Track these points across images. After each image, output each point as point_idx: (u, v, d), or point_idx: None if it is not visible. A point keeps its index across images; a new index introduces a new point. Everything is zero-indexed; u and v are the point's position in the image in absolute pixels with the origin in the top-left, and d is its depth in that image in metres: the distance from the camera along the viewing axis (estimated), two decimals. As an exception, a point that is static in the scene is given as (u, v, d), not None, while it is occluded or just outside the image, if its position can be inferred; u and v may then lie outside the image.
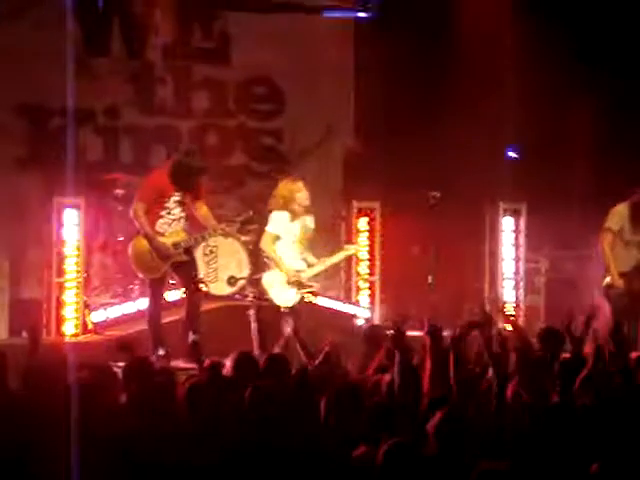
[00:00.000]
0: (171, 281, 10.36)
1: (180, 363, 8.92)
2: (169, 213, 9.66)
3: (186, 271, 9.82)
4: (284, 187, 9.73)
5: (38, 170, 11.47)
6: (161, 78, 12.41)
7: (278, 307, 9.64)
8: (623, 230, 10.23)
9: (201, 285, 10.42)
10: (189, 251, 9.84)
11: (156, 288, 9.83)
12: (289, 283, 9.65)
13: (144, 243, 9.66)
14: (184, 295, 9.99)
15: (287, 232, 9.69)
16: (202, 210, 9.77)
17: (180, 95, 12.49)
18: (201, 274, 10.84)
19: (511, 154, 12.68)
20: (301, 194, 9.70)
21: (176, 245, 9.66)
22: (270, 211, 9.71)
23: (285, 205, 9.66)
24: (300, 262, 9.76)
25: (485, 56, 12.21)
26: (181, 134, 12.26)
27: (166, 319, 10.02)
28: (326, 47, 12.68)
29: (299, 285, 9.64)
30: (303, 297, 9.65)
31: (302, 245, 9.75)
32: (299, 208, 9.67)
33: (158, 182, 9.66)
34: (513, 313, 12.00)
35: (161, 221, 9.67)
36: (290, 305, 9.67)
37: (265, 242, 9.74)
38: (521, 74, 12.10)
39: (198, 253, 10.76)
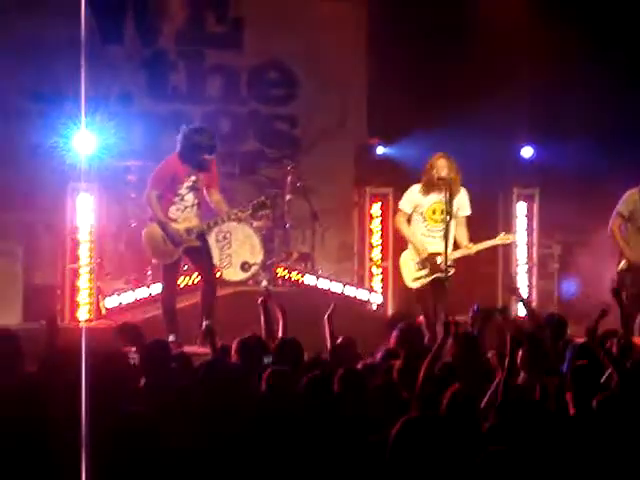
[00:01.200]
0: (185, 267, 10.39)
1: (195, 348, 8.95)
2: (182, 199, 9.68)
3: (199, 257, 9.84)
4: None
5: (52, 156, 11.50)
6: (174, 64, 12.43)
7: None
8: (634, 215, 10.22)
9: (216, 271, 10.46)
10: (202, 237, 9.86)
11: (169, 273, 9.86)
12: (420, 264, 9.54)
13: (157, 229, 9.69)
14: (199, 281, 10.01)
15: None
16: (215, 196, 9.79)
17: (193, 81, 12.50)
18: (214, 260, 10.89)
19: (526, 152, 12.66)
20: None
21: (189, 231, 9.68)
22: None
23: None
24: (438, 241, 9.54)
25: (503, 41, 12.18)
26: (194, 120, 12.27)
27: (180, 304, 10.05)
28: (339, 30, 12.66)
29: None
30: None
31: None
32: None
33: (171, 168, 9.68)
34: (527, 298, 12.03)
35: (173, 207, 9.69)
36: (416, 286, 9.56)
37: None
38: (535, 64, 12.09)
39: (211, 239, 10.79)
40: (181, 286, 10.56)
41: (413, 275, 9.56)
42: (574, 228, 12.40)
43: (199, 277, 10.12)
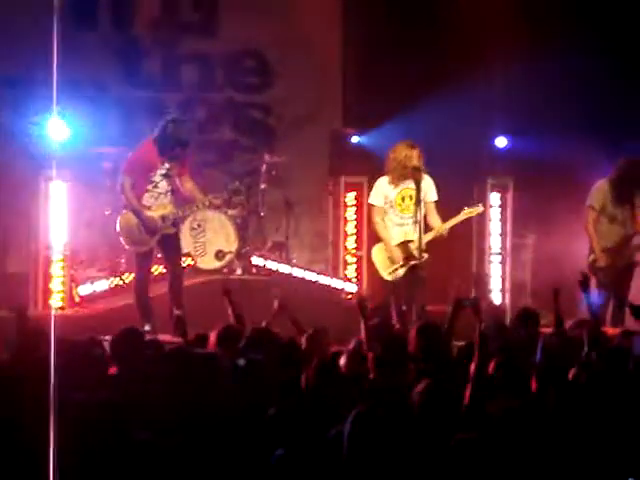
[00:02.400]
0: (158, 255, 10.36)
1: (169, 337, 8.93)
2: (156, 187, 9.66)
3: (172, 245, 9.83)
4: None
5: (25, 143, 11.42)
6: (148, 51, 12.37)
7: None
8: (605, 206, 10.26)
9: (185, 259, 10.45)
10: (176, 225, 9.85)
11: (143, 261, 9.84)
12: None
13: (132, 217, 9.67)
14: (167, 269, 9.99)
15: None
16: (188, 184, 9.77)
17: (168, 68, 12.46)
18: (189, 248, 10.87)
19: (500, 142, 12.68)
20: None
21: (164, 218, 9.67)
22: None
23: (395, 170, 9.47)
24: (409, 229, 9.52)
25: (476, 31, 12.19)
26: (169, 108, 12.22)
27: (155, 293, 10.02)
28: (314, 20, 12.64)
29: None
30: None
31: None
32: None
33: (144, 155, 9.65)
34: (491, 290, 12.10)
35: (147, 195, 9.66)
36: (393, 278, 9.54)
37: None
38: (510, 53, 12.10)
39: (185, 227, 10.77)
40: (155, 274, 10.53)
41: (388, 268, 9.56)
42: (548, 218, 12.44)
43: (166, 266, 10.08)
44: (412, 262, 9.45)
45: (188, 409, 5.18)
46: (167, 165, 9.63)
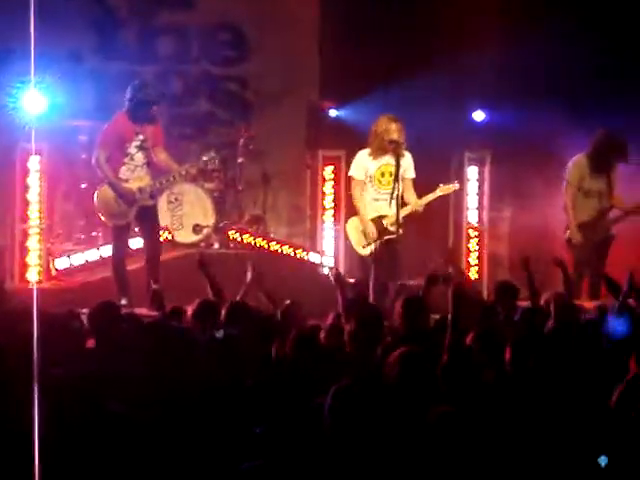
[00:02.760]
0: (135, 228, 10.32)
1: (146, 311, 8.91)
2: (132, 159, 9.62)
3: (150, 218, 9.80)
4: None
5: (1, 115, 11.33)
6: (124, 23, 12.29)
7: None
8: (583, 180, 10.31)
9: (162, 232, 10.42)
10: (153, 197, 9.82)
11: (121, 235, 9.81)
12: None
13: (109, 191, 9.63)
14: (145, 242, 9.96)
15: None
16: (162, 155, 9.74)
17: (144, 40, 12.38)
18: (166, 222, 10.84)
19: (477, 116, 12.68)
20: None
21: (141, 190, 9.63)
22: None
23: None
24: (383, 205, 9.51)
25: (454, 5, 12.18)
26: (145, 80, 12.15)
27: (132, 266, 9.99)
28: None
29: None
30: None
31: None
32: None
33: (118, 127, 9.61)
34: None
35: (124, 168, 9.62)
36: (367, 253, 9.52)
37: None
38: (487, 27, 12.10)
39: (162, 201, 10.74)
40: (132, 248, 10.50)
41: (362, 242, 9.56)
42: (525, 191, 12.47)
43: (143, 240, 10.05)
44: (386, 237, 9.45)
45: (165, 382, 5.18)
46: (141, 137, 9.59)
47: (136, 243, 10.53)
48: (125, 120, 9.59)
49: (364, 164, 9.52)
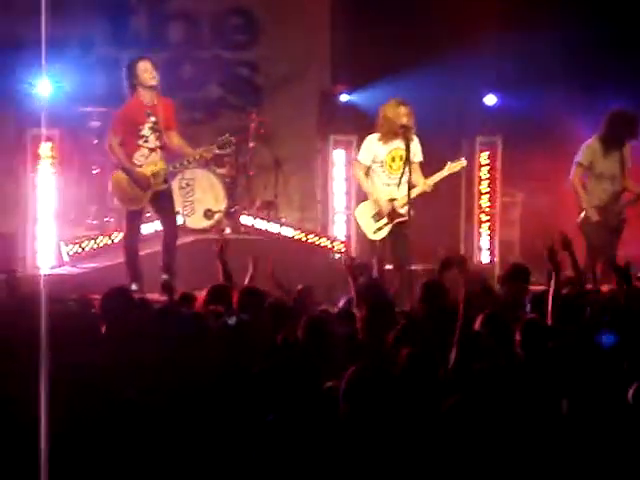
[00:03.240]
0: (147, 214, 10.32)
1: (157, 296, 8.92)
2: (146, 141, 9.57)
3: (165, 202, 9.76)
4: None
5: (13, 102, 11.36)
6: (135, 9, 12.28)
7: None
8: (594, 164, 10.25)
9: (179, 218, 10.41)
10: (167, 181, 9.80)
11: (134, 220, 9.78)
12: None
13: (123, 176, 9.62)
14: (162, 228, 9.93)
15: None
16: (175, 139, 9.73)
17: (154, 26, 12.37)
18: (177, 207, 10.84)
19: (489, 100, 12.65)
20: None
21: (155, 175, 9.60)
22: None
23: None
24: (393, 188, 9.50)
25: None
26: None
27: (143, 251, 9.99)
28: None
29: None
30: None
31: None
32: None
33: (129, 109, 9.60)
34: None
35: (138, 153, 9.60)
36: (378, 238, 9.51)
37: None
38: (499, 10, 12.06)
39: (174, 186, 10.73)
40: (144, 233, 10.49)
41: (373, 227, 9.54)
42: (536, 176, 12.44)
43: (160, 223, 10.03)
44: (397, 220, 9.44)
45: (176, 368, 5.20)
46: (153, 118, 9.55)
47: (147, 228, 10.54)
48: (135, 100, 9.58)
49: (373, 149, 9.50)
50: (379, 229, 9.53)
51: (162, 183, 9.66)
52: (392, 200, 9.46)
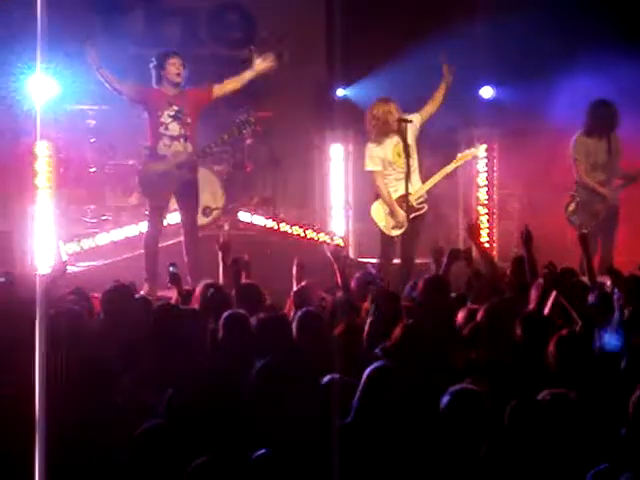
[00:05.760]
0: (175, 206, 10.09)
1: (166, 292, 8.86)
2: (166, 129, 9.50)
3: (189, 193, 9.64)
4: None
5: (8, 100, 11.34)
6: (131, 6, 12.27)
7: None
8: (589, 155, 10.30)
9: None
10: (192, 170, 9.66)
11: (156, 215, 9.63)
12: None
13: (151, 171, 9.53)
14: (182, 217, 9.79)
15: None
16: (219, 90, 9.69)
17: (151, 24, 12.36)
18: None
19: (485, 92, 12.64)
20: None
21: (180, 166, 9.52)
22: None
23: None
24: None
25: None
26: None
27: (161, 244, 9.89)
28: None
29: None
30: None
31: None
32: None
33: (150, 95, 9.52)
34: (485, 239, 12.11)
35: (161, 143, 9.51)
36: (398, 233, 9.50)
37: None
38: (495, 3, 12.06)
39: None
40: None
41: (391, 223, 9.52)
42: (535, 168, 12.44)
43: (180, 215, 9.87)
44: (414, 214, 9.43)
45: (173, 366, 5.20)
46: (175, 107, 9.50)
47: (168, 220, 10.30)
48: (158, 91, 9.53)
49: (377, 154, 9.50)
50: (397, 226, 9.50)
51: (187, 173, 9.56)
52: (406, 195, 9.43)
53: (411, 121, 9.40)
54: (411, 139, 9.41)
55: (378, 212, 9.60)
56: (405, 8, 12.17)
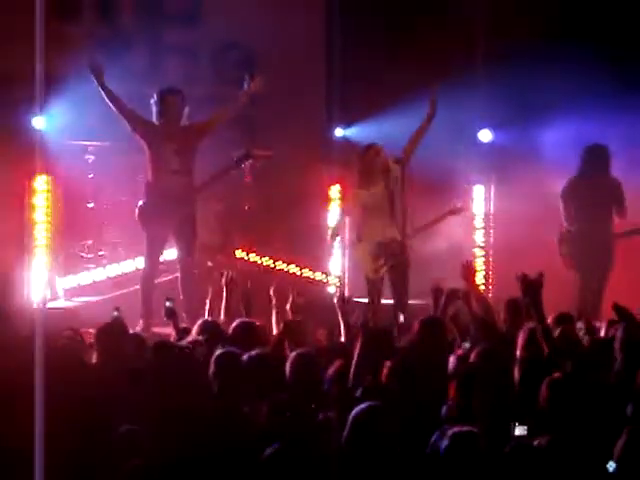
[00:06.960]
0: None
1: (163, 329, 8.87)
2: (166, 163, 9.54)
3: (186, 228, 9.66)
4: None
5: (10, 135, 11.37)
6: (133, 43, 12.33)
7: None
8: (576, 199, 10.45)
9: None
10: (192, 205, 9.67)
11: (155, 249, 9.64)
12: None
13: (150, 204, 9.54)
14: (178, 253, 9.83)
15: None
16: (209, 125, 9.76)
17: (152, 61, 12.42)
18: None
19: (483, 136, 12.71)
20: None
21: (179, 200, 9.53)
22: None
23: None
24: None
25: (461, 28, 12.22)
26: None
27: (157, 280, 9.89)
28: (299, 13, 12.63)
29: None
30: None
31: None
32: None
33: (149, 129, 9.59)
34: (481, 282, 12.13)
35: (161, 177, 9.54)
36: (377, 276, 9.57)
37: None
38: (493, 47, 12.14)
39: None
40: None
41: (372, 266, 9.58)
42: (532, 211, 12.47)
43: (176, 250, 9.91)
44: (395, 261, 9.50)
45: (168, 401, 5.20)
46: (176, 142, 9.56)
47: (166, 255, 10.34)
48: (158, 127, 9.62)
49: (360, 199, 9.59)
50: (379, 268, 9.55)
51: (185, 207, 9.57)
52: (390, 241, 9.49)
53: (388, 168, 9.53)
54: (393, 185, 9.52)
55: (360, 253, 9.68)
56: (406, 54, 12.22)
